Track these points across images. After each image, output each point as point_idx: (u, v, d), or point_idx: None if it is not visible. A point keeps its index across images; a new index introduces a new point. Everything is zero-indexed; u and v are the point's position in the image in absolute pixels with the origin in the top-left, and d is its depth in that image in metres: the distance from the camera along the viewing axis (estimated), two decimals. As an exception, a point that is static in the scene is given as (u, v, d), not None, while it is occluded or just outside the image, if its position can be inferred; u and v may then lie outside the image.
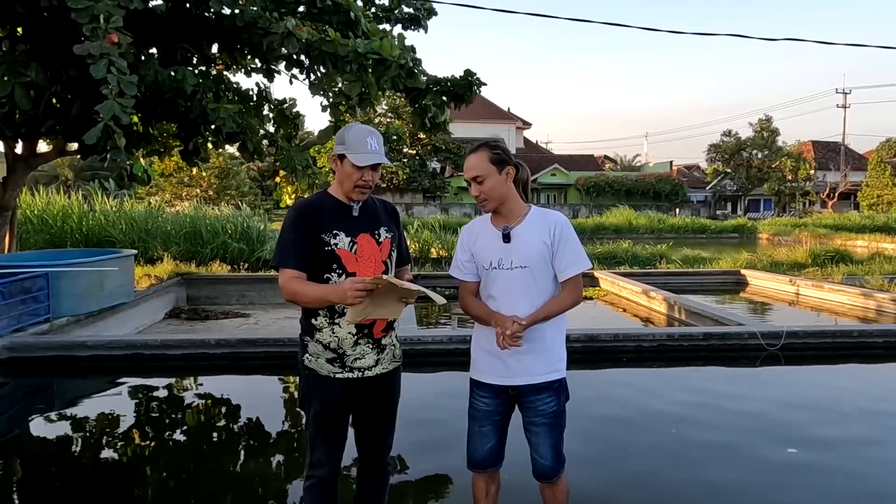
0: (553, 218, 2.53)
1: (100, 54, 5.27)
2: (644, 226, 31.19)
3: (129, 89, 5.40)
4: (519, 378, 2.50)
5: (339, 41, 6.50)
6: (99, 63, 5.27)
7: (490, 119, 53.03)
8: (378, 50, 6.55)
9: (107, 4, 5.34)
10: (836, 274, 11.16)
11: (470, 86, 7.64)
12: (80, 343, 6.09)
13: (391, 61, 6.60)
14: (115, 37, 5.31)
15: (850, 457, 3.97)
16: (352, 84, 6.75)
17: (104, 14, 5.27)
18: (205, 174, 32.13)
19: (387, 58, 6.59)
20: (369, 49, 6.53)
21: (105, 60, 5.28)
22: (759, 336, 6.33)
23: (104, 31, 5.27)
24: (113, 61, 5.30)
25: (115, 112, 5.29)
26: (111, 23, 5.28)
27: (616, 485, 3.58)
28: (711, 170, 52.87)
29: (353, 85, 6.75)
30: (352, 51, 6.49)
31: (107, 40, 5.27)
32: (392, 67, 6.65)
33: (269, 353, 6.09)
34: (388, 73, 6.70)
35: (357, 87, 6.74)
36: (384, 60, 6.61)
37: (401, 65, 6.68)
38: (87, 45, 5.27)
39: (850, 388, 5.60)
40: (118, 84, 5.31)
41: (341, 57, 6.53)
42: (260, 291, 10.14)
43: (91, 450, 4.24)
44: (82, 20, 5.31)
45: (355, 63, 6.54)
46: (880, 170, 46.72)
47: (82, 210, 12.75)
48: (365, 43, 6.57)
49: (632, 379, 5.91)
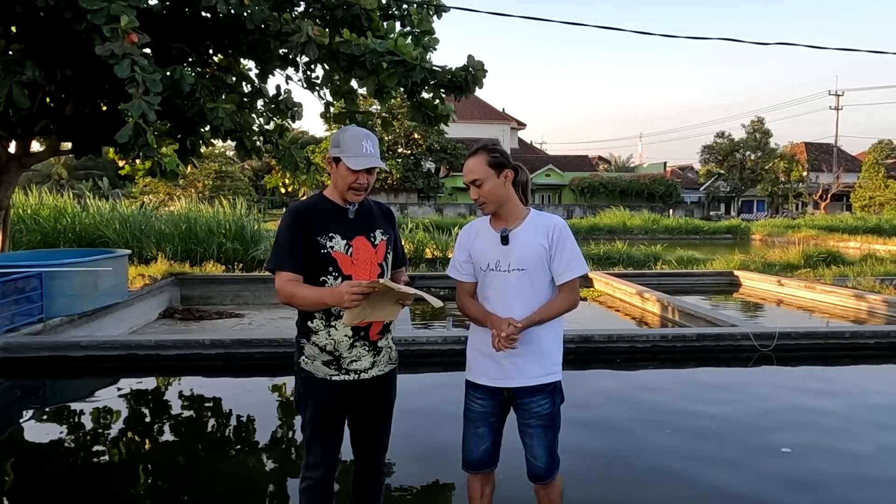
0: (552, 221, 2.55)
1: (122, 54, 5.36)
2: (638, 226, 31.30)
3: (153, 87, 5.52)
4: (514, 380, 2.52)
5: (355, 40, 6.45)
6: (122, 63, 5.36)
7: (485, 119, 53.12)
8: (394, 49, 6.47)
9: (120, 5, 5.42)
10: (828, 275, 11.22)
11: (473, 77, 7.44)
12: (74, 343, 6.07)
13: (413, 63, 6.53)
14: (135, 37, 5.43)
15: (845, 455, 4.00)
16: (366, 80, 6.74)
17: (120, 14, 5.37)
18: (201, 176, 32.08)
19: (407, 60, 6.51)
20: (385, 49, 6.46)
21: (128, 60, 5.39)
22: (751, 337, 6.37)
23: (124, 31, 5.36)
24: (136, 60, 5.42)
25: (143, 110, 5.41)
26: (129, 22, 5.39)
27: (610, 485, 3.60)
28: (705, 171, 53.11)
29: (367, 81, 6.73)
30: (368, 50, 6.43)
31: (127, 40, 5.38)
32: (416, 70, 6.58)
33: (264, 353, 6.09)
34: (413, 75, 6.63)
35: (371, 82, 6.72)
36: (404, 62, 6.53)
37: (424, 68, 6.61)
38: (110, 45, 5.36)
39: (842, 388, 5.64)
40: (143, 82, 5.41)
41: (356, 56, 6.49)
42: (254, 292, 10.12)
43: (84, 451, 4.23)
44: (98, 21, 5.39)
45: (370, 62, 6.50)
46: (873, 171, 47.01)
47: (75, 210, 12.70)
48: (380, 42, 6.51)
49: (626, 379, 5.94)
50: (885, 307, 8.50)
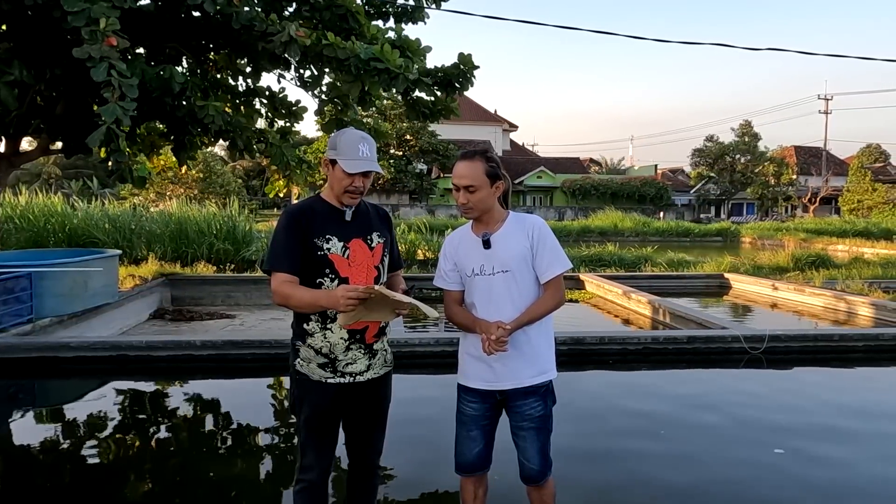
0: (531, 221, 2.58)
1: (100, 57, 5.27)
2: (629, 229, 31.41)
3: (130, 92, 5.41)
4: (506, 382, 2.53)
5: (339, 44, 6.42)
6: (99, 66, 5.27)
7: (477, 121, 53.18)
8: (379, 56, 6.43)
9: (102, 6, 5.32)
10: (816, 278, 11.30)
11: (464, 74, 7.43)
12: (64, 344, 6.03)
13: (397, 73, 6.48)
14: (114, 40, 5.32)
15: (837, 454, 4.03)
16: (350, 85, 6.70)
17: (101, 16, 5.27)
18: (193, 171, 31.89)
19: (392, 69, 6.46)
20: (370, 55, 6.43)
21: (105, 64, 5.29)
22: (742, 339, 6.41)
23: (103, 33, 5.26)
24: (113, 64, 5.31)
25: (117, 115, 5.31)
26: (109, 25, 5.28)
27: (603, 486, 3.61)
28: (695, 174, 53.36)
29: (351, 86, 6.70)
30: (353, 56, 6.41)
31: (106, 43, 5.27)
32: (399, 80, 6.53)
33: (256, 354, 6.07)
34: (396, 84, 6.60)
35: (356, 87, 6.69)
36: (388, 70, 6.49)
37: (408, 78, 6.56)
38: (87, 48, 5.26)
39: (832, 389, 5.70)
40: (119, 87, 5.32)
41: (341, 60, 6.47)
42: (245, 293, 10.10)
43: (75, 453, 4.20)
44: (78, 23, 5.29)
45: (354, 67, 6.48)
46: (861, 175, 47.44)
47: (65, 209, 12.61)
48: (366, 48, 6.48)
49: (617, 381, 5.96)
50: (873, 310, 8.58)
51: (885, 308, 8.43)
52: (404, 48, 6.91)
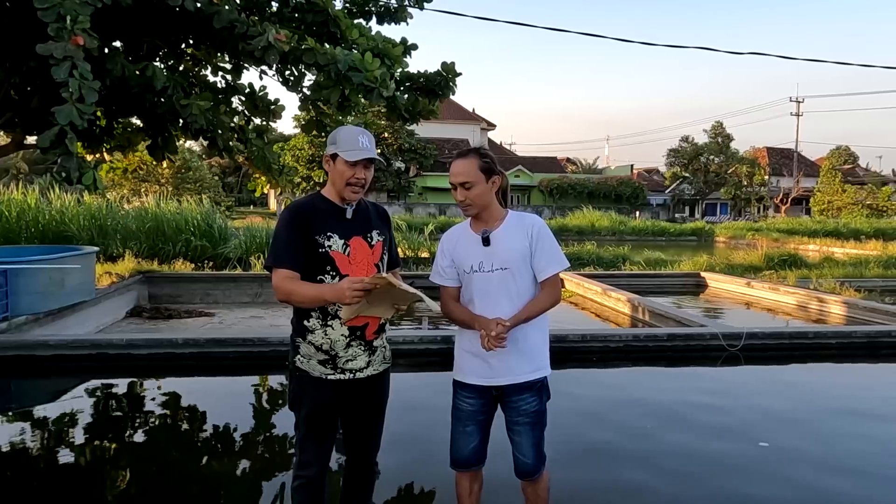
0: (530, 220, 2.61)
1: (63, 56, 5.01)
2: (606, 228, 31.71)
3: (90, 95, 5.13)
4: (502, 378, 2.56)
5: (319, 49, 6.36)
6: (61, 65, 5.00)
7: (455, 120, 53.16)
8: (359, 65, 6.39)
9: (74, 3, 5.10)
10: (790, 277, 11.53)
11: (446, 81, 7.44)
12: (42, 342, 5.92)
13: (373, 86, 6.43)
14: (80, 39, 5.05)
15: (820, 448, 4.13)
16: (330, 91, 6.65)
17: (71, 14, 5.04)
18: (167, 169, 31.44)
19: (368, 83, 6.42)
20: (349, 63, 6.38)
21: (68, 63, 5.02)
22: (720, 337, 6.53)
23: (70, 32, 5.02)
24: (76, 64, 5.04)
25: (71, 118, 5.05)
26: (78, 23, 5.05)
27: (593, 483, 3.66)
28: (670, 174, 54.08)
29: (331, 91, 6.65)
30: (332, 63, 6.36)
31: (72, 42, 5.01)
32: (374, 94, 6.49)
33: (239, 353, 6.02)
34: (371, 97, 6.57)
35: (336, 93, 6.64)
36: (365, 84, 6.46)
37: (383, 95, 6.52)
38: (51, 45, 5.02)
39: (808, 386, 5.84)
40: (79, 89, 5.06)
41: (321, 66, 6.41)
42: (224, 290, 10.00)
43: (54, 454, 4.12)
44: (48, 19, 5.05)
45: (334, 73, 6.42)
46: (831, 176, 48.53)
47: (39, 204, 12.35)
48: (346, 55, 6.43)
49: (600, 378, 6.03)
50: (846, 308, 8.79)
51: (856, 306, 8.64)
52: (384, 56, 6.89)
